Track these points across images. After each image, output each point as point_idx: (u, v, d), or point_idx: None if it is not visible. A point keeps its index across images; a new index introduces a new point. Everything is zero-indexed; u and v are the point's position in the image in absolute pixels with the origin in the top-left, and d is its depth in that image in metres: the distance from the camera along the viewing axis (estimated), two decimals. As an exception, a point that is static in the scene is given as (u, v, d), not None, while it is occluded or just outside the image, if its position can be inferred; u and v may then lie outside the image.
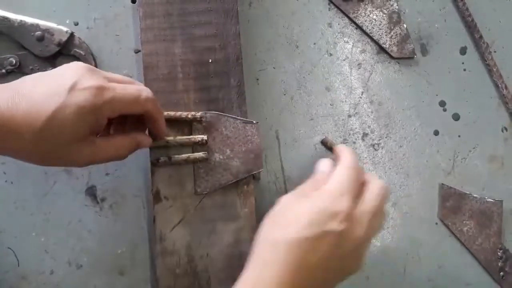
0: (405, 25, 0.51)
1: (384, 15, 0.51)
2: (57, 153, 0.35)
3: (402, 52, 0.51)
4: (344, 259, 0.37)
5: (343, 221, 0.36)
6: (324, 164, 0.43)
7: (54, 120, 0.33)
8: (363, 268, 0.39)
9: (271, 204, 0.48)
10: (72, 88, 0.34)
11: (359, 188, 0.39)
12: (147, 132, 0.42)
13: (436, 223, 0.50)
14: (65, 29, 0.45)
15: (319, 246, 0.35)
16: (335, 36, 0.51)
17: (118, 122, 0.40)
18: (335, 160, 0.42)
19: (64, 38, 0.45)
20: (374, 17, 0.51)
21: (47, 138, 0.33)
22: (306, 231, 0.35)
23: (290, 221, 0.36)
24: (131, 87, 0.38)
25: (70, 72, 0.35)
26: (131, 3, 0.48)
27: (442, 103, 0.52)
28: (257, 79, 0.50)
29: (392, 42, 0.51)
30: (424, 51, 0.52)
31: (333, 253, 0.36)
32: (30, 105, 0.33)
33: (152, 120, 0.40)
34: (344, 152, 0.42)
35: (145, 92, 0.38)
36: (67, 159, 0.36)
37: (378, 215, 0.39)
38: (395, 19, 0.51)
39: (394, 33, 0.51)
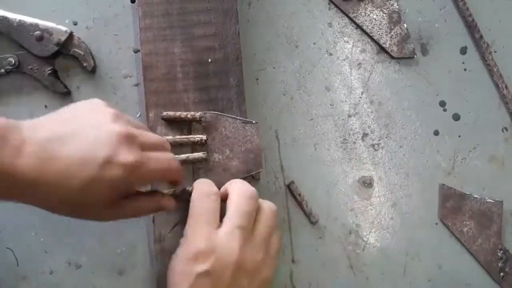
0: (405, 25, 0.51)
1: (384, 15, 0.51)
2: (83, 213, 0.35)
3: (402, 52, 0.51)
4: (253, 281, 0.36)
5: (204, 259, 0.35)
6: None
7: (84, 191, 0.32)
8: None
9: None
10: (107, 162, 0.32)
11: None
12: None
13: (436, 224, 0.50)
14: (64, 28, 0.45)
15: None
16: (335, 36, 0.51)
17: None
18: None
19: (63, 38, 0.45)
20: (374, 16, 0.51)
21: (75, 203, 0.33)
22: None
23: None
24: (163, 158, 0.36)
25: (104, 139, 0.33)
26: (130, 3, 0.48)
27: (442, 103, 0.52)
28: (257, 79, 0.49)
29: (392, 42, 0.51)
30: (424, 51, 0.52)
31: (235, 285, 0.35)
32: (60, 172, 0.31)
33: (173, 183, 0.40)
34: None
35: (174, 164, 0.38)
36: (91, 217, 0.36)
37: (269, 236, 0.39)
38: (395, 18, 0.51)
39: (394, 33, 0.51)
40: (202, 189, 0.39)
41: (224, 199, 0.39)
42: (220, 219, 0.38)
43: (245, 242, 0.36)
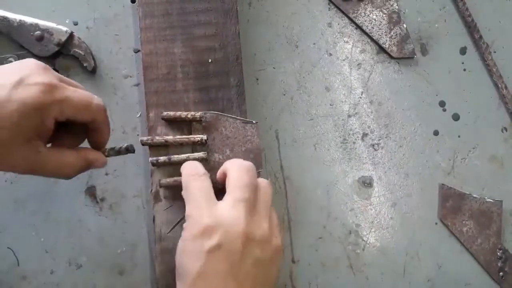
0: (405, 25, 0.51)
1: (384, 15, 0.51)
2: None
3: (402, 52, 0.51)
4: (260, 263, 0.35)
5: (211, 233, 0.34)
6: None
7: None
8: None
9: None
10: (19, 83, 0.32)
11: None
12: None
13: (436, 223, 0.50)
14: (64, 29, 0.45)
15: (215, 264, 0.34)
16: (335, 36, 0.51)
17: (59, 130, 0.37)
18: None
19: (64, 38, 0.45)
20: (374, 17, 0.51)
21: None
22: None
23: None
24: (83, 92, 0.36)
25: (20, 67, 0.33)
26: (130, 3, 0.48)
27: (442, 103, 0.52)
28: (257, 79, 0.49)
29: (392, 42, 0.51)
30: (424, 51, 0.52)
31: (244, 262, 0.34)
32: None
33: (98, 131, 0.38)
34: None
35: (97, 99, 0.37)
36: (6, 161, 0.33)
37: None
38: (395, 19, 0.51)
39: (394, 33, 0.51)
40: (190, 172, 0.38)
41: (224, 179, 0.39)
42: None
43: (249, 213, 0.36)
